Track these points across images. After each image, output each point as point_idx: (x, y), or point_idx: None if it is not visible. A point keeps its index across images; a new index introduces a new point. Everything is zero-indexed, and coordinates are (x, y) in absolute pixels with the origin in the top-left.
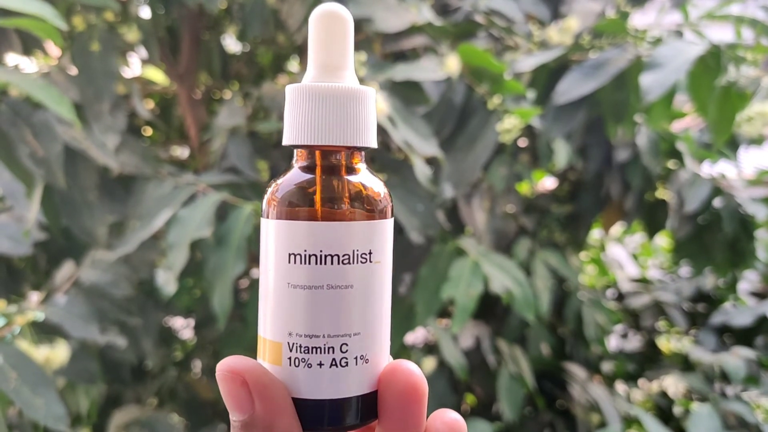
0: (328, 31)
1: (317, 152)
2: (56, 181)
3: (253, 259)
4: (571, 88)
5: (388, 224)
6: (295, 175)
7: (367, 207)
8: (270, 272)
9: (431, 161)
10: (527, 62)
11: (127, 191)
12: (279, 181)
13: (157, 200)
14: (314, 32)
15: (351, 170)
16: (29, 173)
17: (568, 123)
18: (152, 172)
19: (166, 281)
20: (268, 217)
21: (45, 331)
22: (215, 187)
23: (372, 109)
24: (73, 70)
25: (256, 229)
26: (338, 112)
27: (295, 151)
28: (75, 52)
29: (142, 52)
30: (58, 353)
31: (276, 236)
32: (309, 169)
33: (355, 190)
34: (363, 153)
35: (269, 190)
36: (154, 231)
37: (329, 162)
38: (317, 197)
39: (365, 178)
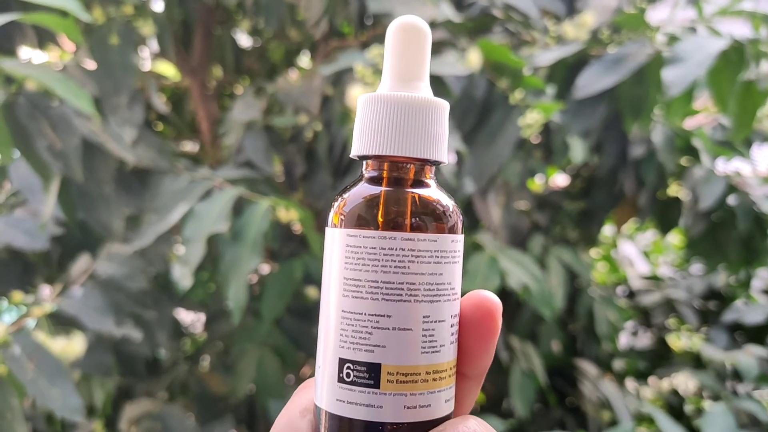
0: (407, 43)
1: (387, 164)
2: (74, 174)
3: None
4: (591, 81)
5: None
6: (364, 188)
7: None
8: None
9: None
10: (546, 57)
11: (143, 185)
12: (346, 195)
13: (173, 194)
14: (392, 43)
15: (421, 185)
16: (47, 166)
17: (589, 119)
18: (168, 166)
19: (183, 275)
20: (337, 227)
21: (61, 323)
22: (231, 181)
23: (445, 123)
24: (89, 64)
25: (273, 225)
26: (412, 122)
27: (363, 162)
28: (94, 45)
29: (154, 46)
30: (74, 345)
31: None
32: (378, 181)
33: (430, 205)
34: (434, 168)
35: (336, 204)
36: (171, 225)
37: (399, 175)
38: (381, 211)
39: (439, 194)
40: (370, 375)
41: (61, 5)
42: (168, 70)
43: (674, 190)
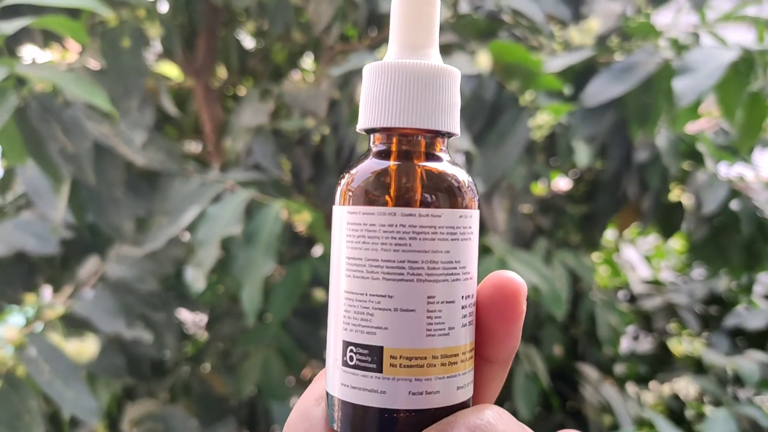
0: (415, 7)
1: (395, 137)
2: (86, 177)
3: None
4: (601, 90)
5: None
6: (371, 164)
7: (450, 198)
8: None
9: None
10: (556, 63)
11: (152, 187)
12: (353, 171)
13: (184, 197)
14: (399, 8)
15: (432, 158)
16: (58, 170)
17: (596, 124)
18: (178, 168)
19: (195, 278)
20: (343, 205)
21: (74, 325)
22: (242, 184)
23: (457, 93)
24: (93, 64)
25: (285, 228)
26: (422, 92)
27: (371, 136)
28: (105, 48)
29: (157, 46)
30: (88, 346)
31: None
32: (386, 155)
33: (437, 179)
34: (446, 141)
35: (342, 181)
36: (183, 227)
37: (409, 148)
38: (384, 187)
39: (449, 167)
40: (373, 358)
41: (78, 4)
42: (171, 70)
43: (676, 194)
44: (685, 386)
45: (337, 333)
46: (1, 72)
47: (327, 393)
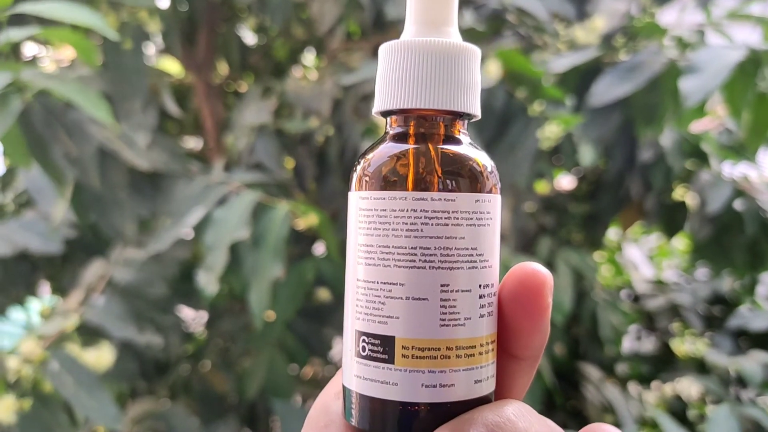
0: None
1: (413, 120)
2: (90, 180)
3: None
4: (607, 89)
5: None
6: (388, 147)
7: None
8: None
9: None
10: (561, 63)
11: (155, 188)
12: (369, 156)
13: (188, 198)
14: None
15: (451, 140)
16: (62, 173)
17: (603, 126)
18: (181, 169)
19: (208, 282)
20: (357, 190)
21: (88, 333)
22: (247, 185)
23: (478, 72)
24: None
25: (292, 231)
26: (440, 71)
27: (387, 119)
28: (107, 49)
29: (157, 42)
30: (105, 355)
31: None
32: (404, 138)
33: (456, 163)
34: (465, 122)
35: (359, 166)
36: (188, 230)
37: (427, 130)
38: (410, 171)
39: (468, 150)
40: (384, 349)
41: (85, 23)
42: (171, 66)
43: (680, 194)
44: (688, 386)
45: (351, 322)
46: (5, 78)
47: (343, 385)
